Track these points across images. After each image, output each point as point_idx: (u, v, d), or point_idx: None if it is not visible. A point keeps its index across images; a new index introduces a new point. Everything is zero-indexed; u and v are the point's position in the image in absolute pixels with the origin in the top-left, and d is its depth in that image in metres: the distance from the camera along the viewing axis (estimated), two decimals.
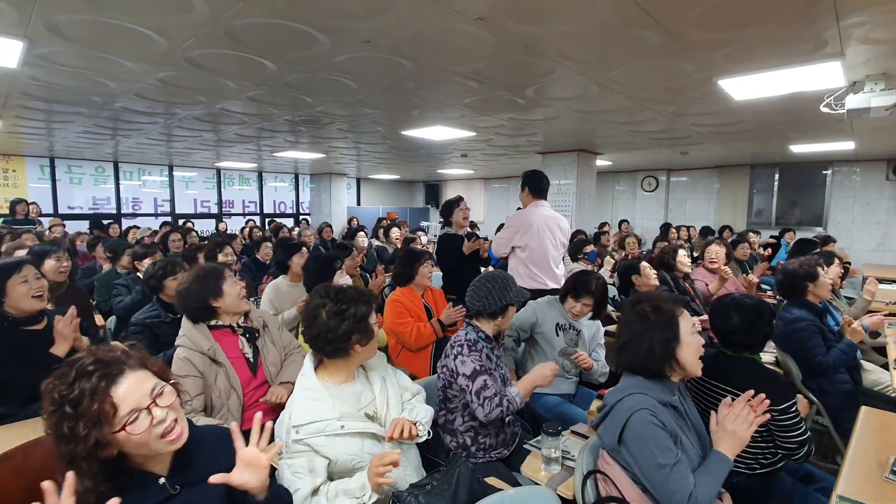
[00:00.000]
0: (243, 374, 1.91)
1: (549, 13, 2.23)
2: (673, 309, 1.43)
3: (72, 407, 0.91)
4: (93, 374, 0.94)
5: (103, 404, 0.92)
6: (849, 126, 4.84)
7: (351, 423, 1.38)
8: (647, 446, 1.28)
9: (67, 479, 0.88)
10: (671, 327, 1.40)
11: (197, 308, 1.91)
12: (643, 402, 1.32)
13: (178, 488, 1.04)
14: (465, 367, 1.79)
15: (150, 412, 0.97)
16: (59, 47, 2.71)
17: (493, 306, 1.90)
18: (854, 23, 2.27)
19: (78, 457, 0.90)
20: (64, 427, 0.91)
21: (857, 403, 2.05)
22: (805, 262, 2.62)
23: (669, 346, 1.38)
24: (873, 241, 7.56)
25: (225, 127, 5.31)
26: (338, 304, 1.43)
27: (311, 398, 1.40)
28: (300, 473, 1.32)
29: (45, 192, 8.38)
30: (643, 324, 1.42)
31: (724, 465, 1.29)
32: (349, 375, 1.49)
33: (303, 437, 1.32)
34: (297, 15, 2.28)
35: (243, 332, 1.98)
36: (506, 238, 3.45)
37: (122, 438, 0.95)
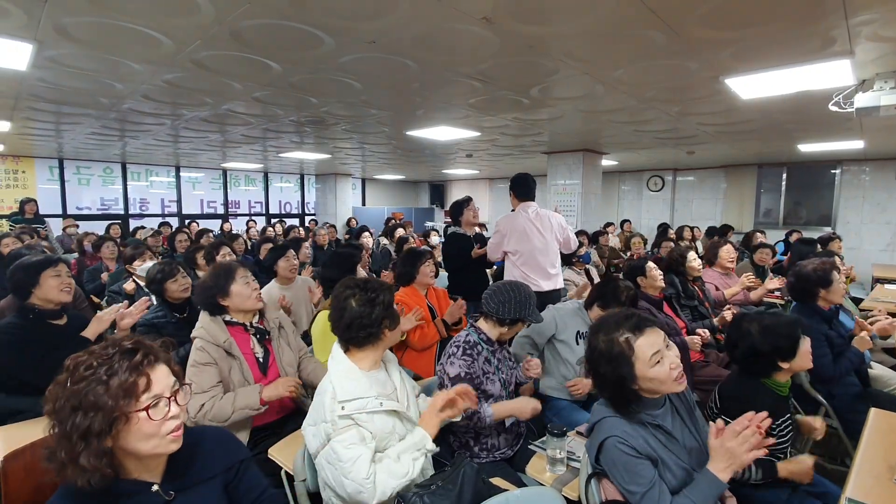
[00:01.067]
0: (253, 372, 1.95)
1: (553, 13, 2.23)
2: (625, 344, 1.35)
3: (107, 375, 0.92)
4: (136, 352, 0.97)
5: (140, 377, 0.95)
6: (858, 125, 4.79)
7: (387, 401, 1.45)
8: (618, 472, 1.29)
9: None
10: (622, 363, 1.34)
11: (208, 304, 1.97)
12: (614, 429, 1.31)
13: (173, 494, 1.03)
14: (452, 369, 1.82)
15: (169, 403, 0.99)
16: (67, 49, 2.73)
17: (506, 315, 1.89)
18: (863, 20, 2.25)
19: (92, 431, 0.89)
20: (91, 394, 0.90)
21: (867, 405, 2.03)
22: (820, 266, 2.53)
23: (625, 383, 1.34)
24: (883, 241, 7.48)
25: (231, 128, 5.34)
26: (367, 293, 1.52)
27: (351, 378, 1.45)
28: (354, 444, 1.34)
29: (54, 193, 8.48)
30: (598, 359, 1.39)
31: (714, 487, 1.23)
32: (375, 363, 1.54)
33: (349, 411, 1.37)
34: (303, 16, 2.29)
35: (255, 332, 2.02)
36: (495, 243, 3.50)
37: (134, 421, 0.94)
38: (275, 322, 2.12)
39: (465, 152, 7.39)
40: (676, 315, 3.12)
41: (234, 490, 1.15)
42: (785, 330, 1.67)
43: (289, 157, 7.92)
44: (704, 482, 1.25)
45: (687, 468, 1.34)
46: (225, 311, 1.98)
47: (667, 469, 1.31)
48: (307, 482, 1.49)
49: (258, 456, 1.75)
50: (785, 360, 1.68)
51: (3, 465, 1.30)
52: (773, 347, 1.66)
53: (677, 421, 1.45)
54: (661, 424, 1.36)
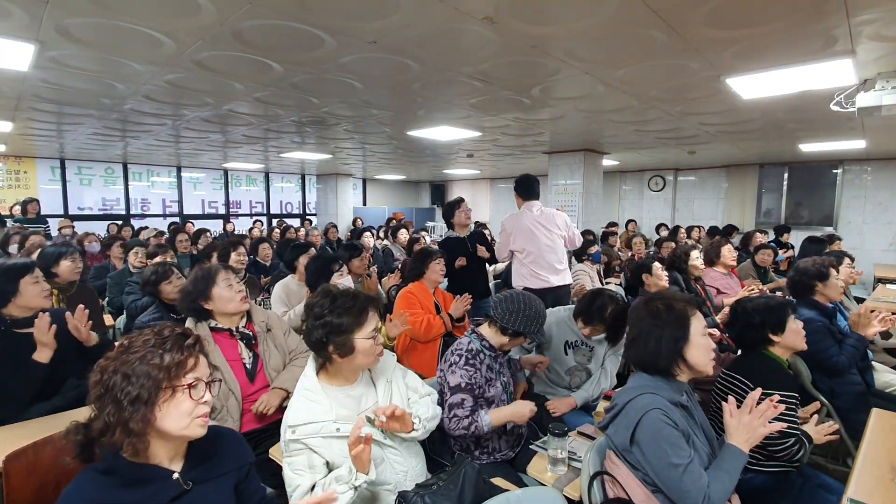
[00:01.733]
0: (240, 379, 1.90)
1: (555, 13, 2.22)
2: (685, 308, 1.44)
3: (162, 350, 1.02)
4: (188, 337, 1.08)
5: (189, 357, 1.05)
6: (860, 125, 4.78)
7: (346, 426, 1.36)
8: (660, 446, 1.27)
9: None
10: (681, 326, 1.39)
11: (192, 309, 1.94)
12: (655, 402, 1.32)
13: (191, 484, 1.07)
14: (452, 378, 1.79)
15: (207, 388, 1.07)
16: (69, 50, 2.74)
17: (510, 325, 1.85)
18: (865, 20, 2.24)
19: (142, 399, 0.97)
20: (146, 364, 0.99)
21: (869, 405, 2.03)
22: (818, 261, 2.58)
23: (678, 344, 1.38)
24: (884, 241, 7.46)
25: (232, 128, 5.35)
26: (322, 310, 1.42)
27: (309, 399, 1.41)
28: (300, 470, 1.33)
29: (56, 194, 8.49)
30: (653, 320, 1.42)
31: (739, 459, 1.28)
32: (348, 379, 1.49)
33: (299, 436, 1.34)
34: (304, 16, 2.29)
35: (241, 337, 1.98)
36: (502, 243, 3.55)
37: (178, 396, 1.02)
38: (262, 325, 2.06)
39: (465, 152, 7.39)
40: None
41: (242, 490, 1.19)
42: (774, 306, 1.89)
43: (290, 158, 7.92)
44: (730, 455, 1.28)
45: (707, 452, 1.37)
46: (210, 316, 1.95)
47: (696, 449, 1.32)
48: None
49: (259, 456, 1.75)
50: (775, 333, 1.86)
51: (4, 465, 1.30)
52: (763, 320, 1.86)
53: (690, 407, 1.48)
54: (687, 406, 1.40)
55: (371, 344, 1.42)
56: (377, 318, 1.48)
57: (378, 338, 1.46)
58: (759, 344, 1.89)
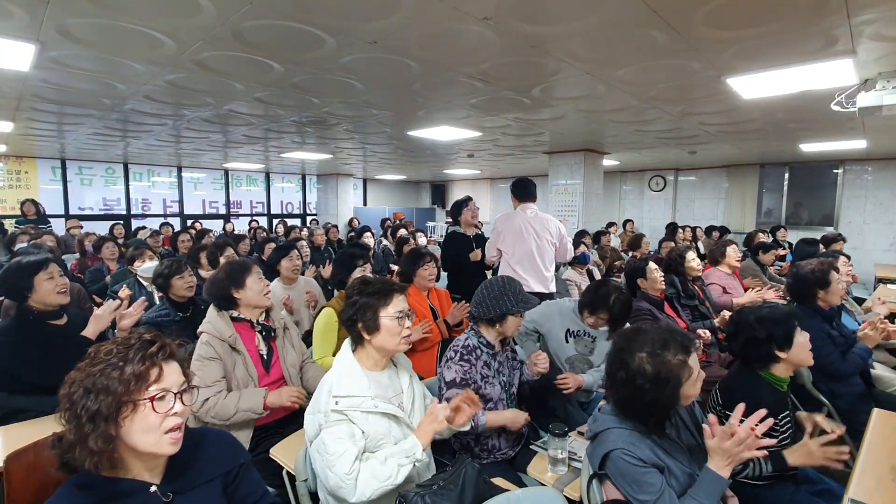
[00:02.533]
0: (257, 368, 1.97)
1: (555, 12, 2.22)
2: (678, 368, 1.28)
3: (122, 361, 0.96)
4: (153, 344, 1.01)
5: (152, 367, 0.98)
6: (860, 125, 4.77)
7: (383, 404, 1.45)
8: (626, 483, 1.28)
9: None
10: (675, 390, 1.28)
11: (220, 296, 2.00)
12: (619, 441, 1.30)
13: (171, 495, 1.03)
14: (448, 374, 1.82)
15: (175, 400, 1.00)
16: (70, 50, 2.74)
17: (487, 314, 1.88)
18: (865, 20, 2.24)
19: (100, 414, 0.92)
20: (104, 377, 0.94)
21: (870, 406, 2.02)
22: (818, 267, 2.52)
23: (669, 410, 1.31)
24: (885, 241, 7.45)
25: (233, 128, 5.35)
26: (354, 292, 1.56)
27: (350, 375, 1.47)
28: (342, 439, 1.35)
29: (57, 194, 8.50)
30: (641, 382, 1.28)
31: (717, 483, 1.25)
32: (378, 364, 1.54)
33: (342, 407, 1.38)
34: (304, 16, 2.29)
35: (261, 329, 2.05)
36: (491, 241, 3.51)
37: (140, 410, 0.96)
38: (280, 322, 2.14)
39: (466, 152, 7.39)
40: (677, 315, 3.11)
41: (232, 493, 1.15)
42: (780, 318, 1.71)
43: (290, 158, 7.93)
44: (707, 481, 1.26)
45: (690, 472, 1.34)
46: (234, 306, 2.01)
47: (672, 476, 1.31)
48: (308, 482, 1.49)
49: (260, 456, 1.75)
50: (781, 350, 1.69)
51: (5, 465, 1.30)
52: (769, 334, 1.69)
53: (679, 423, 1.46)
54: (666, 433, 1.36)
55: (396, 324, 1.50)
56: (404, 305, 1.55)
57: (405, 322, 1.52)
58: (763, 361, 1.73)
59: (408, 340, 1.54)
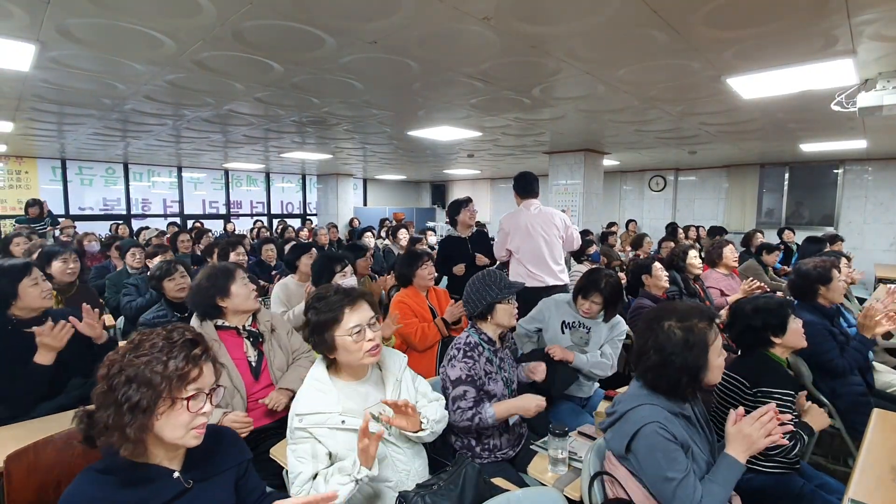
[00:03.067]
0: (245, 377, 1.91)
1: (555, 12, 2.22)
2: (706, 331, 1.34)
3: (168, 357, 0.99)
4: (196, 345, 1.05)
5: (194, 367, 1.02)
6: (860, 125, 4.77)
7: (351, 419, 1.38)
8: (656, 459, 1.26)
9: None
10: (703, 355, 1.31)
11: (205, 305, 1.93)
12: (654, 415, 1.30)
13: (192, 482, 1.07)
14: (452, 372, 1.81)
15: (207, 400, 1.05)
16: (70, 50, 2.74)
17: (475, 309, 1.92)
18: (865, 20, 2.24)
19: (140, 406, 0.95)
20: (148, 371, 0.96)
21: (870, 405, 2.03)
22: (819, 264, 2.53)
23: (698, 376, 1.32)
24: (885, 241, 7.45)
25: (233, 128, 5.35)
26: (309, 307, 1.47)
27: (318, 389, 1.43)
28: (303, 458, 1.34)
29: (57, 194, 8.50)
30: (670, 348, 1.32)
31: (735, 470, 1.26)
32: (355, 375, 1.50)
33: (305, 425, 1.36)
34: (304, 16, 2.29)
35: (248, 335, 1.99)
36: (499, 242, 3.53)
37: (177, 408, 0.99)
38: (266, 325, 2.08)
39: (466, 152, 7.39)
40: None
41: (242, 486, 1.20)
42: (774, 308, 1.86)
43: (290, 158, 7.93)
44: (725, 466, 1.27)
45: (707, 460, 1.35)
46: (220, 315, 1.95)
47: (693, 459, 1.31)
48: None
49: (260, 456, 1.75)
50: (776, 335, 1.84)
51: (5, 465, 1.30)
52: (764, 323, 1.85)
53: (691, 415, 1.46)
54: (689, 416, 1.38)
55: (351, 341, 1.39)
56: (362, 315, 1.43)
57: (365, 335, 1.41)
58: (760, 346, 1.87)
59: (373, 353, 1.42)
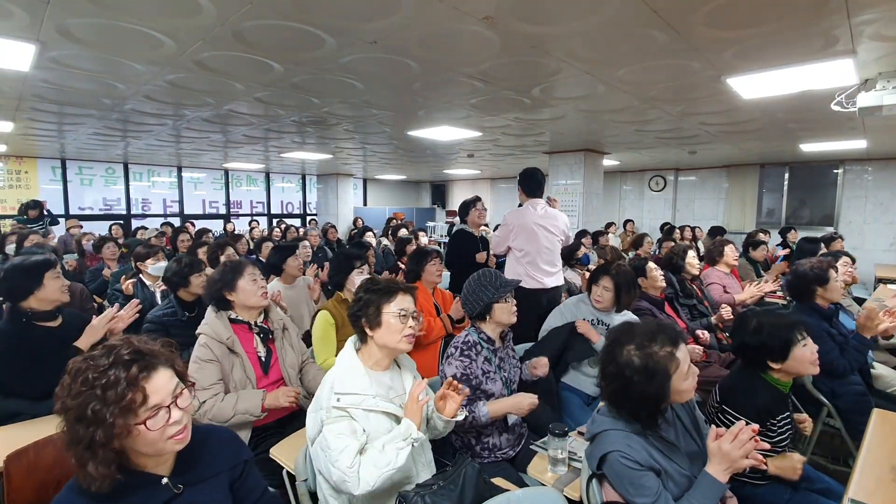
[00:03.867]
0: (255, 370, 1.96)
1: (555, 12, 2.22)
2: (667, 359, 1.29)
3: (102, 390, 0.92)
4: (132, 364, 0.96)
5: (136, 393, 0.94)
6: (860, 125, 4.77)
7: (384, 403, 1.45)
8: (623, 486, 1.28)
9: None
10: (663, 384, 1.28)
11: (215, 297, 2.00)
12: (616, 443, 1.30)
13: (182, 487, 1.05)
14: (449, 369, 1.85)
15: (169, 411, 0.99)
16: (70, 50, 2.74)
17: (473, 309, 1.94)
18: (866, 20, 2.24)
19: (96, 443, 0.90)
20: (89, 410, 0.90)
21: (870, 405, 2.03)
22: (816, 264, 2.53)
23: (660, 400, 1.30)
24: (885, 241, 7.45)
25: (233, 128, 5.35)
26: (360, 290, 1.61)
27: (352, 372, 1.47)
28: (343, 435, 1.36)
29: (57, 194, 8.50)
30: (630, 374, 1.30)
31: (714, 488, 1.25)
32: (380, 364, 1.55)
33: (344, 404, 1.39)
34: (304, 16, 2.29)
35: (259, 331, 2.04)
36: (501, 237, 3.48)
37: (135, 433, 0.95)
38: (279, 323, 2.13)
39: (466, 152, 7.39)
40: (677, 315, 3.12)
41: (238, 489, 1.18)
42: (777, 331, 1.66)
43: (290, 158, 7.93)
44: (705, 484, 1.26)
45: (689, 476, 1.33)
46: (230, 307, 2.01)
47: (669, 479, 1.31)
48: (308, 482, 1.49)
49: (260, 456, 1.75)
50: (774, 360, 1.67)
51: (5, 465, 1.30)
52: (761, 344, 1.67)
53: (679, 427, 1.45)
54: (664, 436, 1.36)
55: (398, 322, 1.51)
56: (408, 304, 1.55)
57: (408, 321, 1.52)
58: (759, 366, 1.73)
59: (410, 339, 1.53)
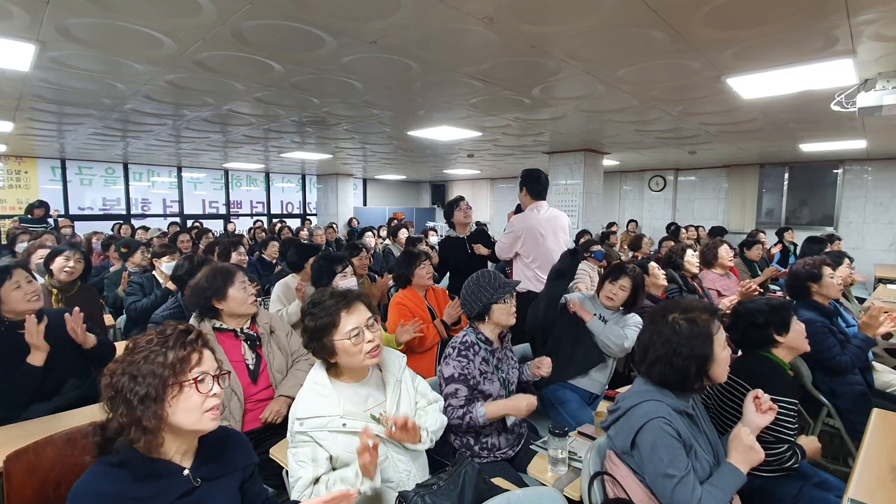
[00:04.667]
0: (242, 380, 1.90)
1: (555, 12, 2.22)
2: (709, 323, 1.36)
3: (164, 348, 1.03)
4: (189, 333, 1.09)
5: (193, 352, 1.06)
6: (860, 125, 4.78)
7: (353, 421, 1.38)
8: (658, 454, 1.26)
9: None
10: (708, 345, 1.33)
11: (202, 306, 1.92)
12: (659, 410, 1.30)
13: (200, 481, 1.09)
14: (446, 369, 1.84)
15: (214, 381, 1.08)
16: (70, 50, 2.74)
17: (472, 310, 1.94)
18: (865, 20, 2.24)
19: (150, 396, 0.98)
20: (150, 363, 1.01)
21: (870, 405, 2.03)
22: (808, 262, 2.57)
23: (705, 365, 1.33)
24: (885, 241, 7.46)
25: (232, 128, 5.35)
26: (306, 313, 1.46)
27: (318, 393, 1.42)
28: (303, 462, 1.34)
29: (57, 194, 8.49)
30: (676, 339, 1.34)
31: (736, 478, 1.27)
32: (355, 377, 1.49)
33: (306, 429, 1.35)
34: (304, 16, 2.29)
35: (245, 338, 1.97)
36: (508, 243, 3.47)
37: (185, 392, 1.03)
38: (266, 327, 2.07)
39: (466, 152, 7.39)
40: None
41: (247, 489, 1.21)
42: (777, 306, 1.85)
43: (290, 158, 7.93)
44: (728, 472, 1.28)
45: (710, 461, 1.35)
46: (216, 316, 1.93)
47: (696, 460, 1.31)
48: None
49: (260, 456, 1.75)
50: (780, 334, 1.80)
51: (5, 465, 1.30)
52: (767, 320, 1.82)
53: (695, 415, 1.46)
54: (692, 414, 1.38)
55: (351, 344, 1.38)
56: (359, 318, 1.42)
57: (364, 336, 1.40)
58: (763, 345, 1.84)
59: (373, 354, 1.41)
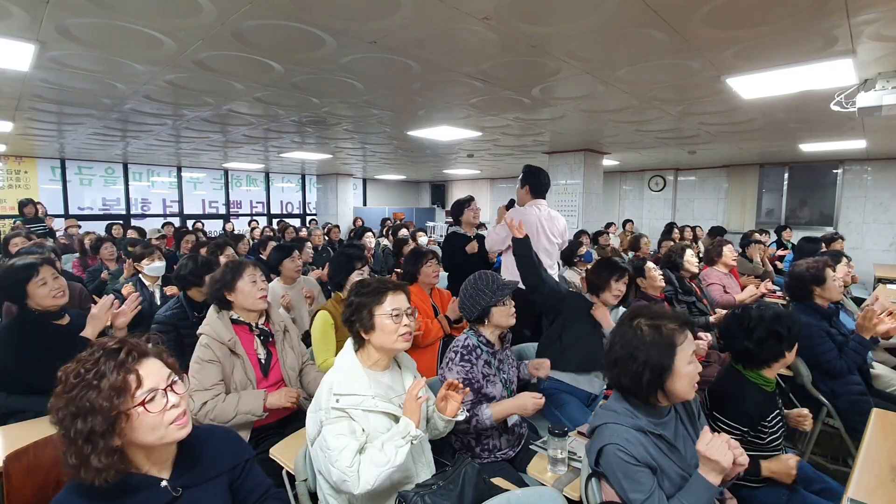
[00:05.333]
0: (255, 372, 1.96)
1: (555, 12, 2.22)
2: (673, 333, 1.32)
3: (97, 378, 0.94)
4: (119, 351, 0.98)
5: (128, 375, 0.96)
6: (860, 125, 4.78)
7: (383, 403, 1.45)
8: (618, 479, 1.28)
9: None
10: (667, 355, 1.30)
11: (216, 297, 2.00)
12: (615, 436, 1.30)
13: (181, 490, 1.05)
14: (450, 375, 1.84)
15: (166, 394, 1.00)
16: (69, 50, 2.74)
17: (471, 314, 1.93)
18: (865, 20, 2.24)
19: (96, 433, 0.91)
20: (86, 401, 0.92)
21: (869, 405, 2.03)
22: (812, 264, 2.53)
23: (661, 376, 1.30)
24: (885, 240, 7.46)
25: (232, 128, 5.35)
26: (351, 294, 1.59)
27: (351, 373, 1.47)
28: (343, 435, 1.36)
29: (56, 194, 8.50)
30: (635, 343, 1.33)
31: (706, 490, 1.24)
32: (379, 364, 1.55)
33: (343, 405, 1.39)
34: (304, 16, 2.29)
35: (259, 333, 2.04)
36: (502, 236, 3.35)
37: (134, 417, 0.96)
38: (280, 325, 2.13)
39: (466, 152, 7.39)
40: None
41: (238, 489, 1.17)
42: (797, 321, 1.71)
43: (290, 158, 7.93)
44: (696, 485, 1.27)
45: (685, 475, 1.33)
46: (230, 307, 2.01)
47: (665, 477, 1.31)
48: (308, 482, 1.49)
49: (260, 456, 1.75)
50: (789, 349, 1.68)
51: (5, 465, 1.30)
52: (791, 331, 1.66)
53: (680, 428, 1.45)
54: (663, 434, 1.36)
55: (391, 322, 1.49)
56: (401, 303, 1.53)
57: (402, 320, 1.51)
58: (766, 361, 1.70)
59: (406, 338, 1.52)
